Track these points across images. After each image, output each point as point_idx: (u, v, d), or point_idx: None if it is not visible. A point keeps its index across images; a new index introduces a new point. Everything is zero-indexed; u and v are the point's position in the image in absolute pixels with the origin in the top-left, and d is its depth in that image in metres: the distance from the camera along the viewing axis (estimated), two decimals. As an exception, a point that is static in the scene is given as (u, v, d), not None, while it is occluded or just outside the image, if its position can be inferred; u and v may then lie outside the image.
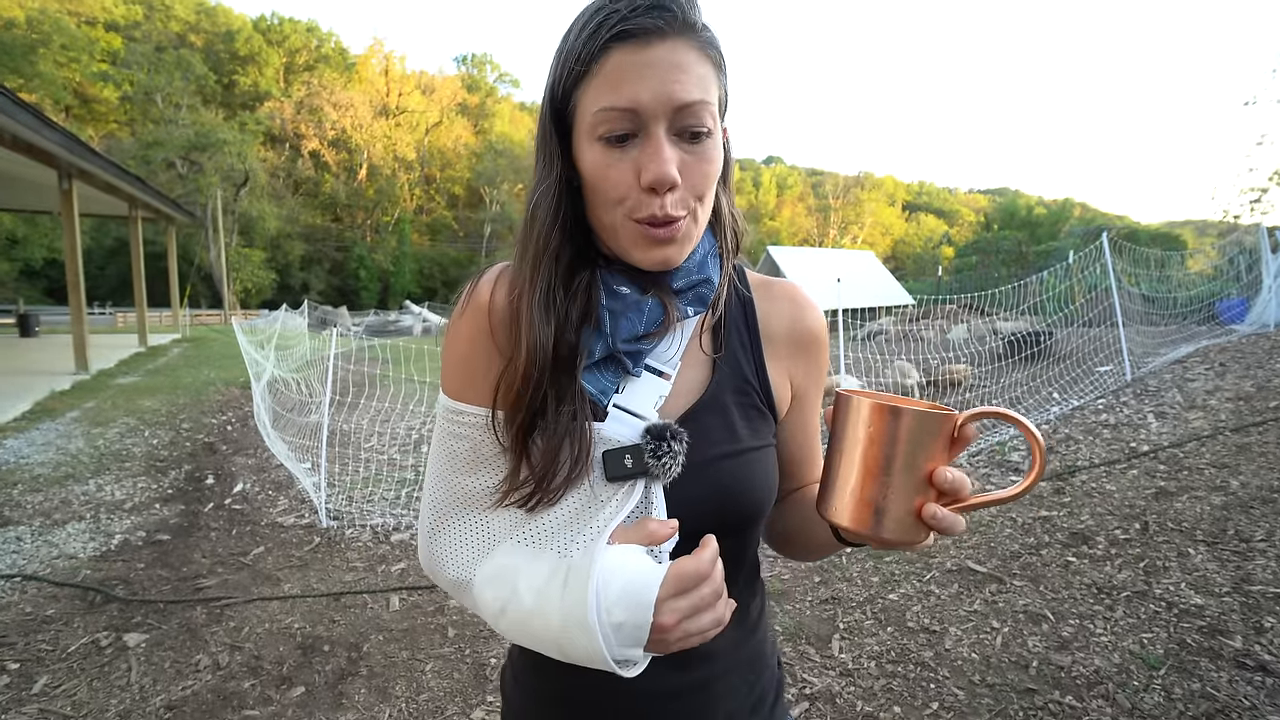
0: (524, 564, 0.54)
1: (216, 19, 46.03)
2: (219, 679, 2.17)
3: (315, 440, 4.19)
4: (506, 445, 0.56)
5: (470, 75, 58.73)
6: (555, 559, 0.54)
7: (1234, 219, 16.78)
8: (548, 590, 0.51)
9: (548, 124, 0.55)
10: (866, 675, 2.09)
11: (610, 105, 0.50)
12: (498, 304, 0.58)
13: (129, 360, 10.89)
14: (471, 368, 0.59)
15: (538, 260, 0.55)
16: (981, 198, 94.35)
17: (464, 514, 0.60)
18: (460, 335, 0.60)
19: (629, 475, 0.54)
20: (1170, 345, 6.27)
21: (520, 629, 0.53)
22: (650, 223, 0.53)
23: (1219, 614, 2.22)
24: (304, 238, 40.80)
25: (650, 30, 0.50)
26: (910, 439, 0.46)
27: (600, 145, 0.52)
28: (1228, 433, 3.80)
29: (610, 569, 0.49)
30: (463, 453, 0.59)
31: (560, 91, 0.53)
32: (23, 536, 3.38)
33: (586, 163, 0.53)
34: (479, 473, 0.59)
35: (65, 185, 8.61)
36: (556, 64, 0.54)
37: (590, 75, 0.51)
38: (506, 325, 0.57)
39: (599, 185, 0.53)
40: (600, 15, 0.50)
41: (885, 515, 0.47)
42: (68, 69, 30.15)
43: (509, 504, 0.56)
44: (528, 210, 0.57)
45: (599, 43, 0.50)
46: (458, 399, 0.60)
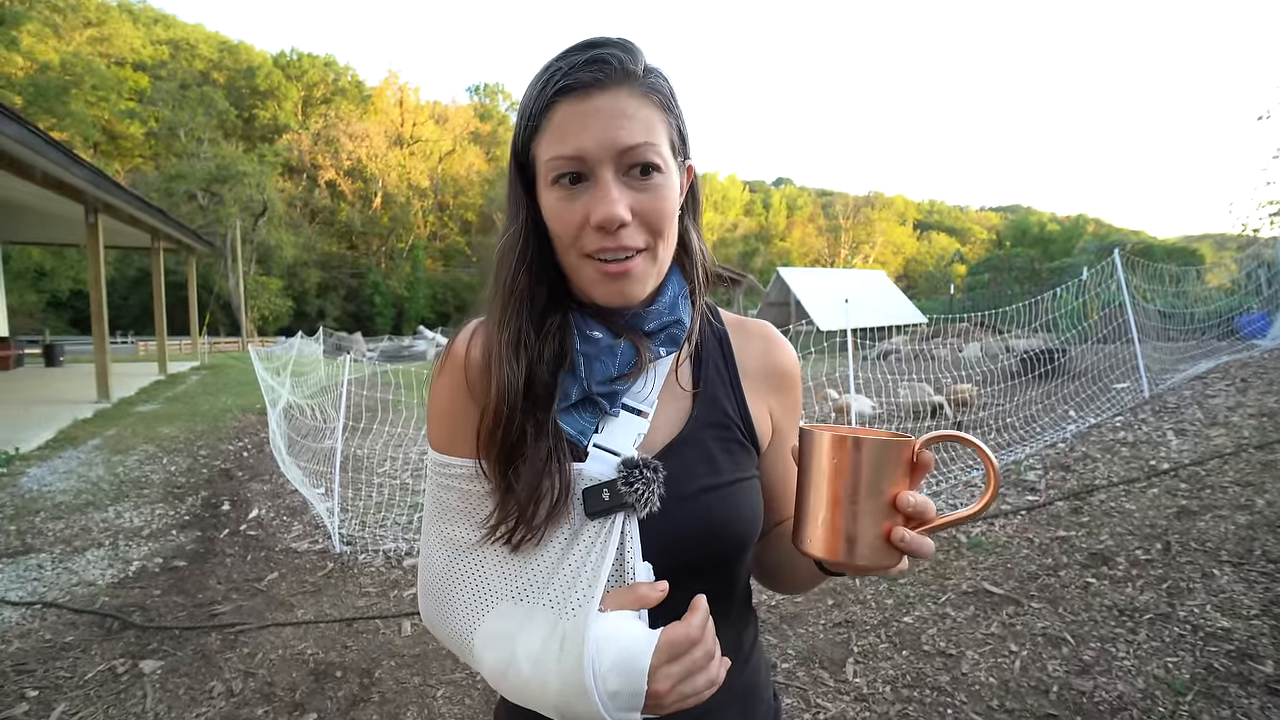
0: (519, 629, 0.55)
1: (238, 56, 47.68)
2: (232, 706, 2.18)
3: (329, 466, 4.23)
4: (492, 487, 0.58)
5: (483, 104, 60.04)
6: (550, 621, 0.54)
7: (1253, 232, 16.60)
8: (544, 656, 0.52)
9: (514, 175, 0.60)
10: (882, 700, 2.05)
11: (558, 154, 0.54)
12: (474, 359, 0.61)
13: (149, 388, 11.09)
14: (454, 422, 0.61)
15: (506, 302, 0.58)
16: (993, 215, 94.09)
17: (460, 566, 0.60)
18: (441, 391, 0.62)
19: (608, 509, 0.55)
20: (1189, 361, 6.17)
21: (520, 693, 0.54)
22: (603, 257, 0.55)
23: (1248, 637, 2.16)
24: (320, 265, 41.57)
25: (590, 83, 0.54)
26: (872, 467, 0.47)
27: (555, 190, 0.56)
28: (1251, 450, 3.72)
29: (603, 638, 0.50)
30: (453, 504, 0.61)
31: (520, 145, 0.58)
32: (44, 564, 3.43)
33: (545, 207, 0.57)
34: (470, 523, 0.60)
35: (91, 219, 8.88)
36: (517, 121, 0.59)
37: (541, 130, 0.56)
38: (482, 377, 0.59)
39: (555, 227, 0.57)
40: (546, 74, 0.55)
41: (856, 543, 0.48)
42: (97, 108, 31.27)
43: (496, 539, 0.57)
44: (496, 255, 0.60)
45: (545, 98, 0.54)
46: (445, 452, 0.62)
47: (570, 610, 0.54)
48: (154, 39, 43.00)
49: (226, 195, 32.91)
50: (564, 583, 0.55)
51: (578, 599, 0.54)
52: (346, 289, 43.34)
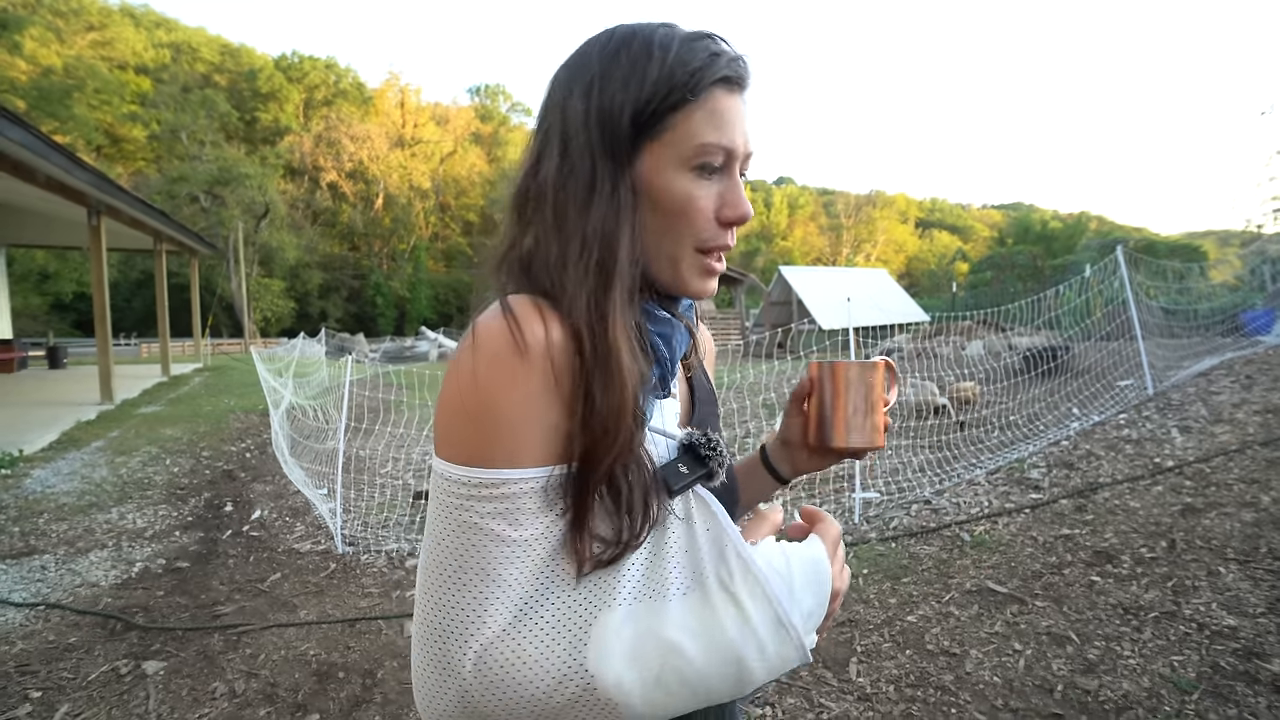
0: (662, 624, 0.49)
1: (240, 59, 47.83)
2: (235, 706, 2.18)
3: (331, 466, 4.23)
4: (566, 507, 0.50)
5: (483, 105, 60.14)
6: (695, 599, 0.50)
7: (1257, 228, 16.55)
8: (715, 627, 0.48)
9: (626, 139, 0.52)
10: (885, 700, 2.04)
11: (715, 142, 0.52)
12: (557, 347, 0.49)
13: (152, 390, 11.12)
14: (529, 428, 0.48)
15: (624, 294, 0.51)
16: (995, 213, 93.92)
17: (540, 605, 0.49)
18: (523, 389, 0.48)
19: (690, 483, 0.54)
20: (1194, 358, 6.15)
21: (678, 690, 0.48)
22: (715, 254, 0.56)
23: (1254, 635, 2.15)
24: (322, 267, 41.68)
25: (743, 82, 0.55)
26: (868, 379, 0.67)
27: (691, 174, 0.53)
28: (1256, 447, 3.70)
29: (778, 563, 0.51)
30: (506, 532, 0.48)
31: (651, 109, 0.52)
32: (47, 565, 3.44)
33: (668, 189, 0.53)
34: (535, 545, 0.49)
35: (94, 221, 8.91)
36: (644, 80, 0.52)
37: (694, 105, 0.52)
38: (570, 369, 0.49)
39: (683, 213, 0.53)
40: (706, 52, 0.53)
41: (869, 429, 0.67)
42: (100, 111, 31.41)
43: (610, 557, 0.50)
44: (603, 234, 0.51)
45: (709, 78, 0.52)
46: (509, 464, 0.48)
47: (711, 574, 0.50)
48: (156, 42, 43.17)
49: (229, 197, 33.03)
50: (681, 562, 0.51)
51: (713, 561, 0.51)
52: (349, 290, 43.45)
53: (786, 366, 7.70)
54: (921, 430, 5.30)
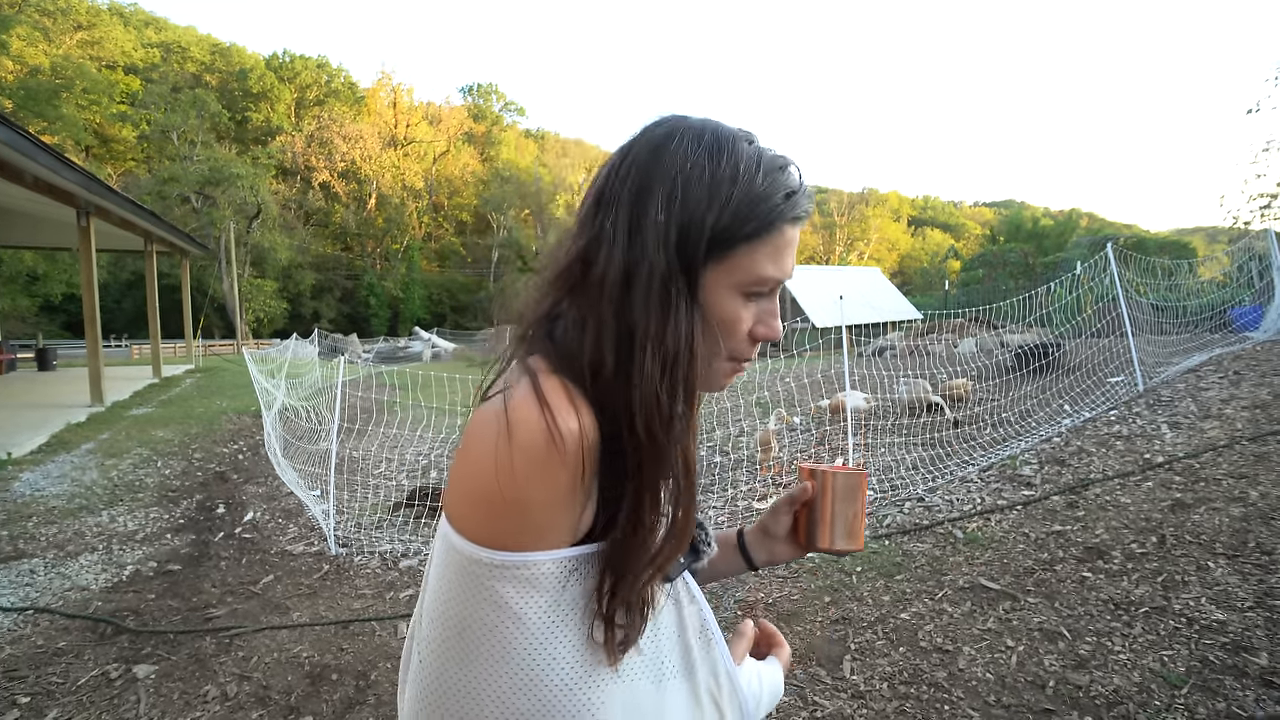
0: (657, 710, 0.55)
1: (230, 58, 47.44)
2: (227, 710, 2.17)
3: (324, 468, 4.21)
4: (607, 603, 0.52)
5: (476, 105, 59.86)
6: (682, 691, 0.57)
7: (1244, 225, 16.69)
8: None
9: (702, 256, 0.54)
10: (879, 697, 2.05)
11: (774, 275, 0.56)
12: (589, 437, 0.49)
13: (143, 391, 11.04)
14: (558, 517, 0.50)
15: (690, 397, 0.54)
16: (987, 210, 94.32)
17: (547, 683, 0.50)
18: (556, 484, 0.48)
19: (682, 569, 0.60)
20: (1183, 354, 6.19)
21: None
22: (742, 364, 0.60)
23: (1242, 629, 2.17)
24: (315, 267, 41.41)
25: (806, 220, 0.59)
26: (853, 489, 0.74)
27: (740, 298, 0.56)
28: (1245, 442, 3.73)
29: (754, 686, 0.64)
30: (523, 607, 0.49)
31: (724, 236, 0.54)
32: (36, 569, 3.41)
33: (719, 309, 0.56)
34: (554, 625, 0.50)
35: (83, 222, 8.83)
36: (723, 205, 0.53)
37: (763, 240, 0.55)
38: (596, 457, 0.50)
39: (730, 330, 0.57)
40: (785, 189, 0.55)
41: (855, 534, 0.74)
42: (88, 111, 31.10)
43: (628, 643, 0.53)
44: (684, 348, 0.52)
45: (785, 217, 0.56)
46: (534, 547, 0.49)
47: (692, 671, 0.58)
48: (145, 42, 42.78)
49: (220, 198, 32.76)
50: (673, 646, 0.58)
51: (703, 658, 0.59)
52: (342, 290, 43.20)
53: (780, 365, 7.71)
54: (914, 428, 5.32)
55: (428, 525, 3.88)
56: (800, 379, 6.37)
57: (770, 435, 3.95)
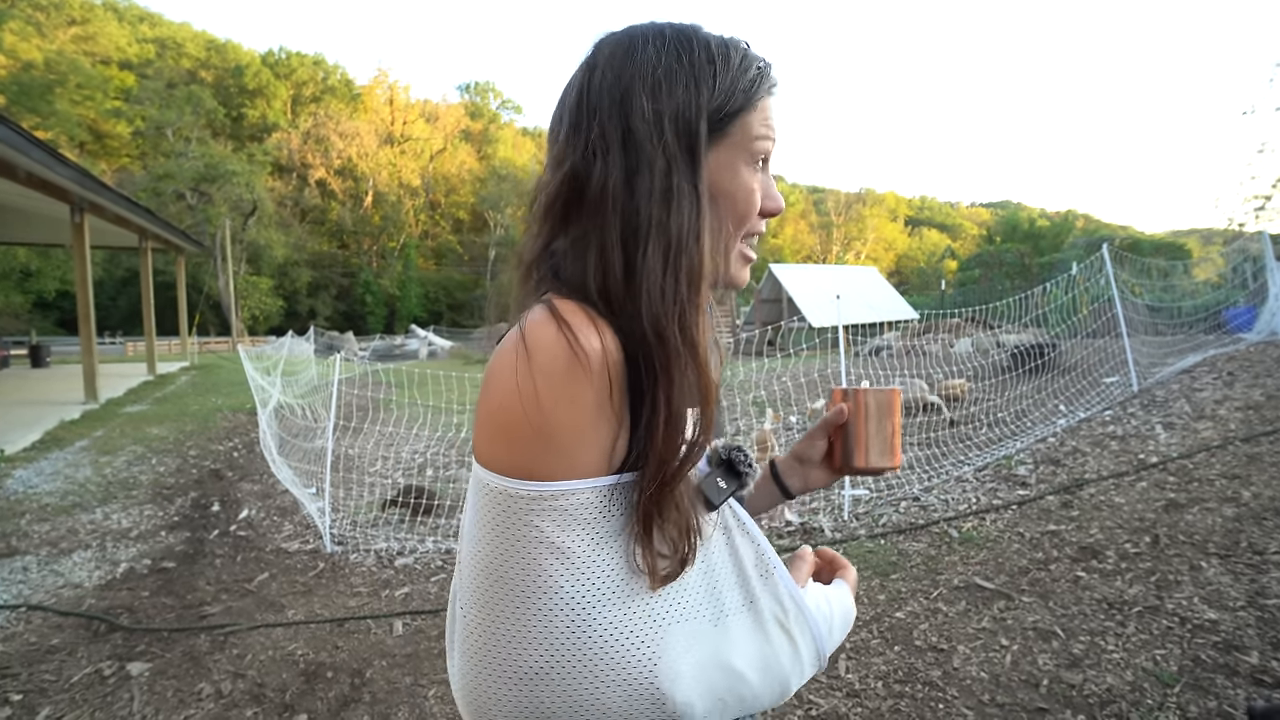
0: (725, 649, 0.53)
1: (226, 55, 47.24)
2: (221, 707, 2.16)
3: (320, 465, 4.20)
4: (637, 519, 0.49)
5: (473, 102, 59.76)
6: (746, 623, 0.54)
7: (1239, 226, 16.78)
8: (770, 656, 0.55)
9: (703, 141, 0.54)
10: (874, 696, 2.05)
11: (769, 135, 0.59)
12: (612, 354, 0.48)
13: (138, 389, 10.99)
14: (589, 440, 0.48)
15: (703, 290, 0.51)
16: (984, 211, 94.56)
17: (597, 619, 0.48)
18: (582, 402, 0.47)
19: (728, 496, 0.57)
20: (1177, 355, 6.22)
21: (734, 707, 0.54)
22: (753, 243, 0.62)
23: (1234, 629, 2.18)
24: (311, 265, 41.29)
25: (777, 90, 0.61)
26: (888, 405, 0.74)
27: (752, 168, 0.58)
28: (1238, 443, 3.75)
29: (824, 609, 0.61)
30: (567, 542, 0.48)
31: (720, 114, 0.56)
32: (29, 566, 3.40)
33: (735, 184, 0.58)
34: (599, 558, 0.49)
35: (77, 219, 8.78)
36: (714, 85, 0.55)
37: (751, 111, 0.57)
38: (623, 378, 0.49)
39: (746, 202, 0.58)
40: (756, 66, 0.58)
41: (891, 451, 0.74)
42: (83, 107, 30.91)
43: (674, 569, 0.50)
44: (689, 238, 0.51)
45: (764, 87, 0.59)
46: (569, 475, 0.48)
47: (763, 602, 0.56)
48: (140, 37, 42.57)
49: (215, 195, 32.63)
50: (731, 579, 0.55)
51: (763, 588, 0.56)
52: (338, 288, 43.08)
53: (776, 364, 7.72)
54: (910, 427, 5.34)
55: (423, 524, 3.88)
56: (797, 378, 6.38)
57: (768, 434, 3.96)
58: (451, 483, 4.77)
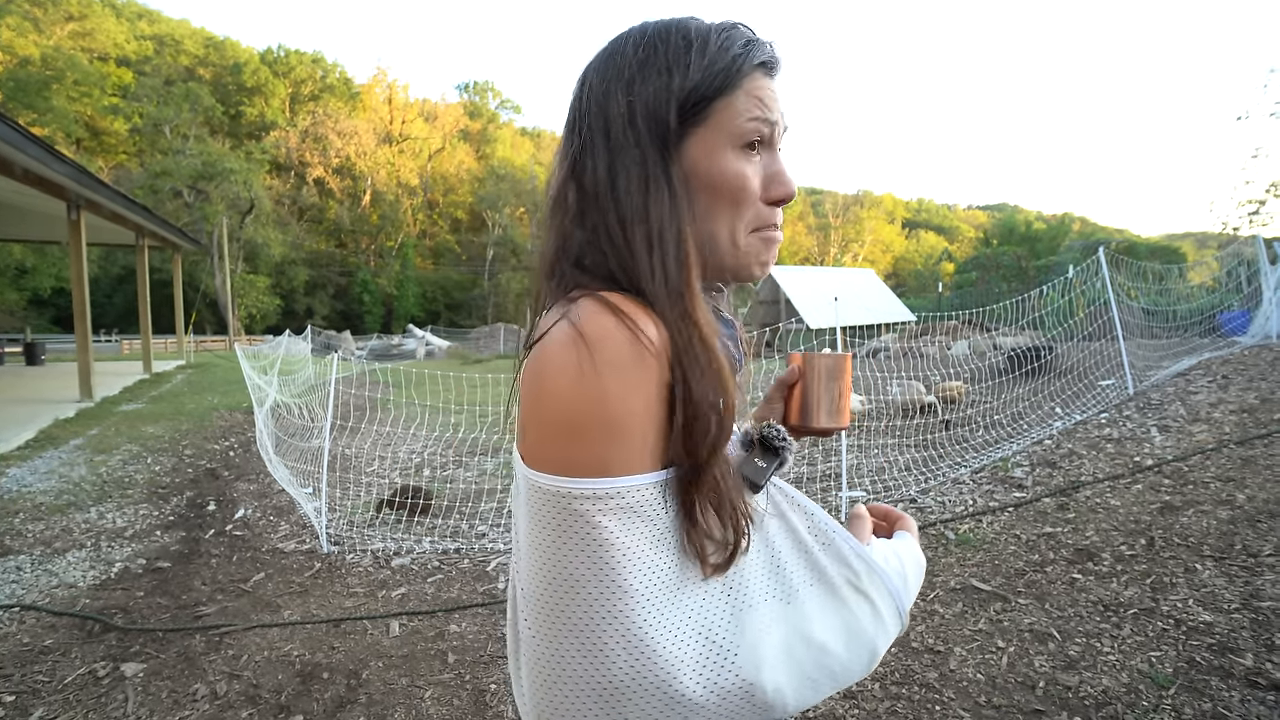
0: (803, 623, 0.51)
1: (224, 52, 47.11)
2: (216, 708, 2.15)
3: (316, 465, 4.19)
4: (682, 509, 0.48)
5: (472, 102, 59.71)
6: (818, 595, 0.53)
7: (1233, 231, 16.85)
8: (852, 625, 0.53)
9: (674, 130, 0.53)
10: (870, 697, 2.06)
11: (760, 115, 0.54)
12: (666, 342, 0.48)
13: (133, 387, 10.94)
14: (651, 432, 0.47)
15: (698, 285, 0.51)
16: (981, 214, 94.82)
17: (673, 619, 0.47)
18: (648, 391, 0.46)
19: (770, 475, 0.56)
20: (1172, 358, 6.25)
21: (825, 684, 0.52)
22: (769, 233, 0.58)
23: (1229, 631, 2.19)
24: (308, 263, 41.20)
25: (778, 67, 0.58)
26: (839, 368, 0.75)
27: (742, 154, 0.54)
28: (1232, 445, 3.77)
29: (894, 563, 0.58)
30: (631, 541, 0.46)
31: (694, 99, 0.53)
32: (22, 566, 3.38)
33: (721, 170, 0.54)
34: (663, 556, 0.48)
35: (73, 215, 8.74)
36: (687, 71, 0.53)
37: (736, 89, 0.54)
38: (668, 371, 0.48)
39: (739, 192, 0.54)
40: (743, 40, 0.55)
41: (840, 411, 0.75)
42: (80, 103, 30.82)
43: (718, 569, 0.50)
44: (669, 226, 0.51)
45: (750, 64, 0.55)
46: (636, 470, 0.46)
47: (833, 571, 0.54)
48: (138, 34, 42.42)
49: (213, 193, 32.55)
50: (794, 558, 0.54)
51: (829, 559, 0.55)
52: (335, 287, 42.99)
53: (775, 365, 7.73)
54: (907, 429, 5.35)
55: (420, 524, 3.87)
56: (794, 380, 6.37)
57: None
58: (449, 483, 4.76)
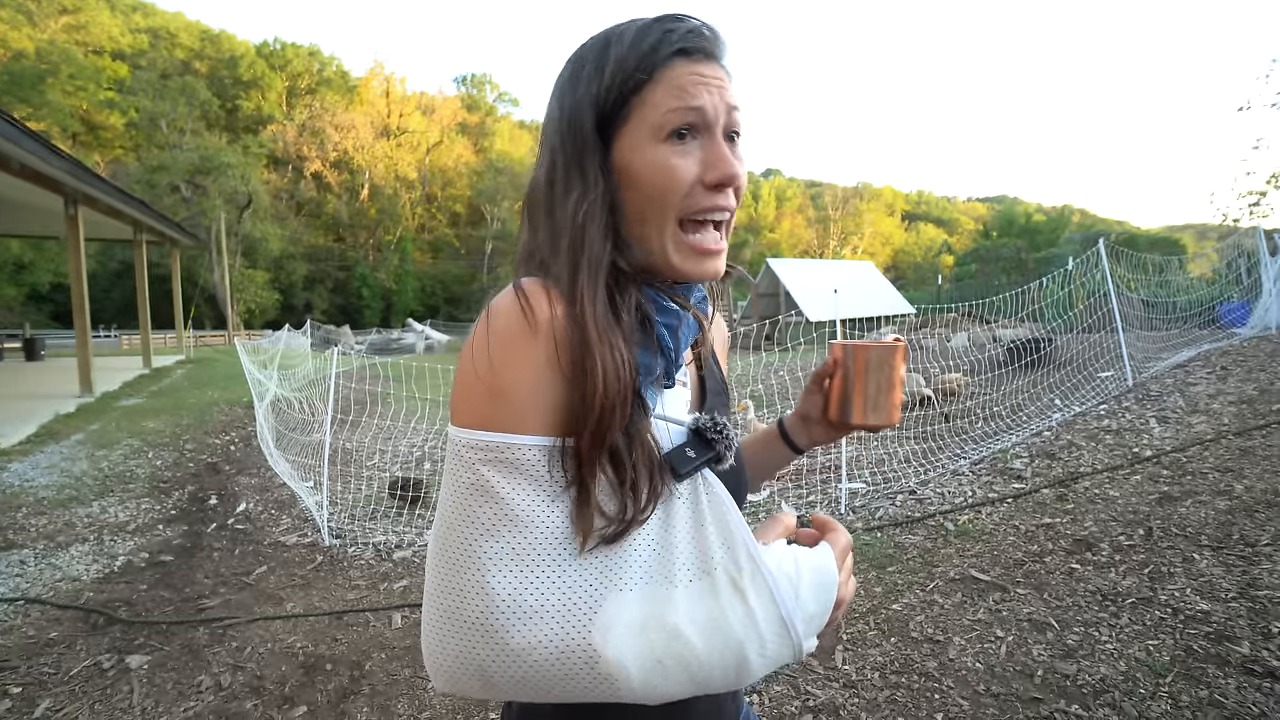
0: (668, 607, 0.51)
1: (220, 45, 46.81)
2: (221, 700, 2.17)
3: (317, 459, 4.20)
4: (570, 479, 0.51)
5: (470, 95, 59.42)
6: (703, 587, 0.52)
7: (1233, 222, 16.82)
8: (720, 618, 0.50)
9: (589, 133, 0.55)
10: (870, 687, 2.07)
11: (682, 105, 0.54)
12: (559, 321, 0.52)
13: (133, 382, 10.94)
14: (536, 396, 0.51)
15: (594, 276, 0.53)
16: (980, 206, 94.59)
17: (539, 576, 0.50)
18: (530, 360, 0.51)
19: (697, 466, 0.55)
20: (1172, 350, 6.26)
21: (678, 675, 0.50)
22: (705, 229, 0.57)
23: (1225, 619, 2.20)
24: (307, 258, 41.09)
25: (705, 51, 0.56)
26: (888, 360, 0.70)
27: (664, 144, 0.54)
28: (1231, 436, 3.78)
29: (787, 566, 0.53)
30: (514, 496, 0.50)
31: (612, 99, 0.55)
32: (26, 560, 3.39)
33: (645, 164, 0.55)
34: (542, 514, 0.50)
35: (71, 211, 8.72)
36: (604, 74, 0.55)
37: (653, 82, 0.54)
38: (568, 346, 0.51)
39: (665, 182, 0.54)
40: (659, 31, 0.55)
41: (889, 407, 0.70)
42: (75, 97, 30.64)
43: (609, 535, 0.51)
44: (572, 223, 0.54)
45: (663, 54, 0.54)
46: (518, 431, 0.51)
47: (720, 567, 0.53)
48: (133, 27, 42.13)
49: (210, 187, 32.42)
50: (689, 549, 0.53)
51: (723, 554, 0.53)
52: (334, 282, 42.89)
53: (774, 358, 7.74)
54: (907, 421, 5.36)
55: (421, 517, 3.89)
56: (794, 372, 6.40)
57: (762, 426, 3.97)
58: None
